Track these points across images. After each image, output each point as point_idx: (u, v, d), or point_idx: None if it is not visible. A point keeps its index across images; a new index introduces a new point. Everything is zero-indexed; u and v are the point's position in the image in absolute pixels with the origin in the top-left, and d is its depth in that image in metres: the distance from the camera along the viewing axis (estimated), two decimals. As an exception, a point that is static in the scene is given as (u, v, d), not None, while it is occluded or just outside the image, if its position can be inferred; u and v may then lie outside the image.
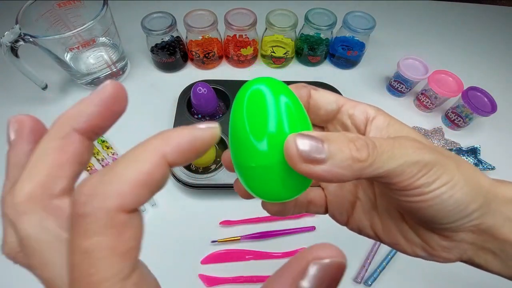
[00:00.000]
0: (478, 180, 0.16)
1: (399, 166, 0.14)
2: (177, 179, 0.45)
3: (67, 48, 0.50)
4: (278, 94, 0.14)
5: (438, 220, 0.16)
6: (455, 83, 0.55)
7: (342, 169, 0.13)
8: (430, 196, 0.15)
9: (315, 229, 0.45)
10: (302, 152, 0.13)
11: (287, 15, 0.58)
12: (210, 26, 0.55)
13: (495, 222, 0.16)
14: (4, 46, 0.45)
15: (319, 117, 0.19)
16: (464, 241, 0.17)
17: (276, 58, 0.61)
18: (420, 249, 0.18)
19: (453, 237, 0.17)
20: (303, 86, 0.18)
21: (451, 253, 0.18)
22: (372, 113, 0.18)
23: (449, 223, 0.16)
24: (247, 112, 0.14)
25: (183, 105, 0.52)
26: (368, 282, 0.41)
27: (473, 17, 0.76)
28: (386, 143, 0.14)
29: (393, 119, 0.18)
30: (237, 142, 0.15)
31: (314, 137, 0.13)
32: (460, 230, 0.17)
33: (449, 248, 0.17)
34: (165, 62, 0.60)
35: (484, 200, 0.16)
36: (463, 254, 0.18)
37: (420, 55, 0.58)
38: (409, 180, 0.15)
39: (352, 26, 0.56)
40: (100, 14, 0.48)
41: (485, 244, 0.17)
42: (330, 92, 0.19)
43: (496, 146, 0.55)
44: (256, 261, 0.43)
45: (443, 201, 0.15)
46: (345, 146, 0.13)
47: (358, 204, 0.21)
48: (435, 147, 0.16)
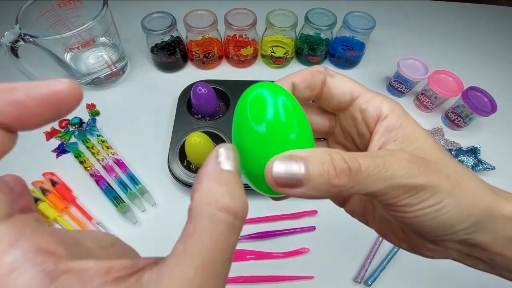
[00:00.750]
0: (476, 202, 0.15)
1: (383, 189, 0.14)
2: (177, 179, 0.45)
3: (67, 48, 0.50)
4: (276, 94, 0.16)
5: (421, 233, 0.16)
6: (455, 83, 0.55)
7: (318, 192, 0.13)
8: (412, 215, 0.15)
9: (315, 229, 0.45)
10: (276, 179, 0.13)
11: (287, 15, 0.58)
12: (210, 26, 0.55)
13: (487, 239, 0.16)
14: (4, 46, 0.45)
15: (331, 106, 0.19)
16: (452, 248, 0.17)
17: (276, 58, 0.61)
18: (405, 244, 0.18)
19: (439, 244, 0.17)
20: (318, 72, 0.17)
21: (435, 254, 0.17)
22: (386, 111, 0.17)
23: (432, 237, 0.16)
24: (250, 107, 0.16)
25: (183, 105, 0.52)
26: (368, 282, 0.41)
27: (473, 17, 0.76)
28: (374, 165, 0.14)
29: (407, 120, 0.17)
30: (239, 129, 0.17)
31: (293, 160, 0.13)
32: (446, 241, 0.16)
33: (435, 250, 0.17)
34: (165, 62, 0.60)
35: (475, 221, 0.15)
36: (448, 256, 0.18)
37: (420, 55, 0.58)
38: (393, 200, 0.15)
39: (352, 26, 0.56)
40: (100, 14, 0.48)
41: (473, 253, 0.17)
42: (348, 79, 0.18)
43: (496, 146, 0.55)
44: (256, 261, 0.43)
45: (427, 220, 0.15)
46: (324, 169, 0.13)
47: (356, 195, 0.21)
48: (439, 163, 0.16)
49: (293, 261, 0.43)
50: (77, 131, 0.53)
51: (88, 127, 0.53)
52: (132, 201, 0.46)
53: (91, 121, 0.54)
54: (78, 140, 0.52)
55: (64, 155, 0.51)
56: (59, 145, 0.51)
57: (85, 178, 0.49)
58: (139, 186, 0.47)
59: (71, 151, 0.51)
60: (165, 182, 0.49)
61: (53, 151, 0.51)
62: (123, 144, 0.52)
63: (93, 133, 0.53)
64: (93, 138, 0.52)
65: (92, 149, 0.51)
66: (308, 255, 0.44)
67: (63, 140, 0.52)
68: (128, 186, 0.47)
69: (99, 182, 0.47)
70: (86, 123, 0.54)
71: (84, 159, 0.50)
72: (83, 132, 0.53)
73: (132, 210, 0.45)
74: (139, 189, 0.47)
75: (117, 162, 0.49)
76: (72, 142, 0.52)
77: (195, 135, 0.42)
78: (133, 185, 0.48)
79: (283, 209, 0.46)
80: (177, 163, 0.46)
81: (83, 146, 0.51)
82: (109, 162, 0.49)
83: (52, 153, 0.51)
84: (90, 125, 0.53)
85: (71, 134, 0.53)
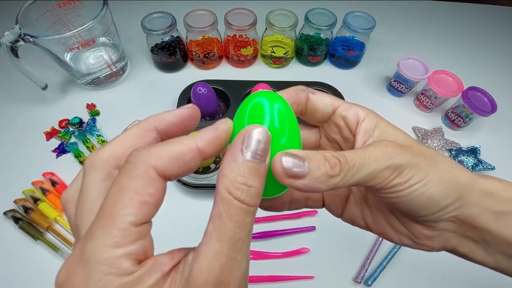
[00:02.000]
0: (454, 177, 0.17)
1: (369, 174, 0.16)
2: (177, 179, 0.45)
3: (67, 48, 0.50)
4: (273, 102, 0.17)
5: (415, 213, 0.18)
6: (455, 83, 0.55)
7: (318, 184, 0.16)
8: (403, 193, 0.17)
9: (315, 229, 0.45)
10: (285, 169, 0.15)
11: (287, 15, 0.58)
12: (210, 26, 0.55)
13: (473, 213, 0.18)
14: (4, 46, 0.45)
15: (316, 119, 0.21)
16: (446, 229, 0.19)
17: (276, 58, 0.61)
18: (406, 238, 0.20)
19: (434, 226, 0.18)
20: (301, 90, 0.20)
21: (434, 242, 0.19)
22: (362, 116, 0.19)
23: (425, 216, 0.18)
24: (248, 114, 0.17)
25: (183, 105, 0.52)
26: (368, 282, 0.41)
27: (473, 17, 0.76)
28: (356, 156, 0.16)
29: (380, 120, 0.19)
30: (235, 132, 0.18)
31: (296, 156, 0.15)
32: (439, 221, 0.18)
33: (432, 237, 0.19)
34: (165, 62, 0.60)
35: (459, 195, 0.17)
36: (446, 243, 0.19)
37: (420, 55, 0.58)
38: (383, 183, 0.17)
39: (352, 26, 0.56)
40: (100, 14, 0.48)
41: (466, 233, 0.18)
42: (327, 94, 0.21)
43: (496, 146, 0.55)
44: (256, 261, 0.43)
45: (416, 197, 0.17)
46: (321, 164, 0.16)
47: (351, 198, 0.22)
48: (414, 147, 0.18)
49: (293, 261, 0.43)
50: (77, 131, 0.53)
51: (88, 127, 0.53)
52: (132, 201, 0.46)
53: (91, 121, 0.54)
54: (78, 140, 0.52)
55: (64, 155, 0.51)
56: (59, 145, 0.51)
57: (85, 178, 0.49)
58: (139, 186, 0.47)
59: (71, 151, 0.51)
60: (165, 182, 0.48)
61: (53, 151, 0.51)
62: (123, 144, 0.52)
63: (93, 133, 0.53)
64: (93, 138, 0.52)
65: (92, 149, 0.51)
66: (308, 255, 0.44)
67: (63, 140, 0.52)
68: (128, 186, 0.47)
69: (99, 182, 0.47)
70: (86, 123, 0.54)
71: (84, 159, 0.50)
72: (83, 132, 0.53)
73: (132, 210, 0.45)
74: (139, 189, 0.47)
75: (117, 162, 0.49)
76: (72, 142, 0.52)
77: (195, 135, 0.42)
78: (133, 185, 0.48)
79: (283, 209, 0.46)
80: (177, 163, 0.46)
81: (83, 146, 0.51)
82: (109, 162, 0.49)
83: (52, 153, 0.51)
84: (90, 125, 0.53)
85: (71, 134, 0.53)
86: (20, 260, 0.42)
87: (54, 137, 0.53)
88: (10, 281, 0.41)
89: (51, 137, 0.53)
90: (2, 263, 0.42)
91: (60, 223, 0.43)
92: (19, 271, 0.41)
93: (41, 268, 0.41)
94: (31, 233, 0.42)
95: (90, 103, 0.56)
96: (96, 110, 0.56)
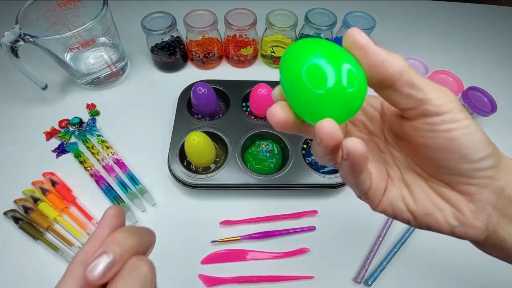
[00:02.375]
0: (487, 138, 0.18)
1: (441, 92, 0.17)
2: (177, 179, 0.45)
3: (67, 48, 0.50)
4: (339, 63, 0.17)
5: (457, 159, 0.18)
6: (455, 83, 0.55)
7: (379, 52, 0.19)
8: (448, 128, 0.17)
9: (315, 229, 0.45)
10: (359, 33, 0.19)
11: (287, 15, 0.58)
12: (210, 26, 0.55)
13: (507, 181, 0.18)
14: (4, 46, 0.45)
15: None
16: (488, 202, 0.19)
17: (276, 58, 0.61)
18: (451, 216, 0.19)
19: (476, 195, 0.19)
20: None
21: (478, 218, 0.19)
22: None
23: (465, 164, 0.18)
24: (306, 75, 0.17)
25: (183, 105, 0.52)
26: (368, 282, 0.41)
27: (473, 17, 0.76)
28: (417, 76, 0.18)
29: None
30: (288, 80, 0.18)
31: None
32: (480, 177, 0.18)
33: (476, 212, 0.19)
34: (165, 62, 0.60)
35: (493, 151, 0.18)
36: (489, 223, 0.19)
37: (420, 55, 0.58)
38: (443, 108, 0.17)
39: (352, 26, 0.56)
40: (100, 14, 0.48)
41: (505, 210, 0.19)
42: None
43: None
44: (256, 261, 0.43)
45: (459, 137, 0.17)
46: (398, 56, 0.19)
47: (389, 183, 0.22)
48: None
49: (293, 261, 0.43)
50: (77, 131, 0.53)
51: (88, 127, 0.53)
52: (132, 201, 0.46)
53: (91, 121, 0.54)
54: (78, 140, 0.52)
55: (64, 155, 0.51)
56: (59, 145, 0.51)
57: (85, 178, 0.49)
58: (139, 186, 0.47)
59: (71, 151, 0.51)
60: (165, 182, 0.49)
61: (53, 151, 0.51)
62: (123, 144, 0.52)
63: (93, 133, 0.53)
64: (93, 138, 0.52)
65: (92, 149, 0.51)
66: (308, 255, 0.44)
67: (63, 140, 0.52)
68: (128, 186, 0.47)
69: (99, 182, 0.47)
70: (86, 123, 0.54)
71: (84, 159, 0.50)
72: (83, 132, 0.53)
73: (132, 210, 0.45)
74: (139, 189, 0.47)
75: (117, 162, 0.49)
76: (72, 142, 0.52)
77: (194, 134, 0.42)
78: (133, 185, 0.48)
79: (283, 209, 0.46)
80: (177, 163, 0.46)
81: (83, 146, 0.51)
82: (109, 162, 0.49)
83: (52, 153, 0.51)
84: (90, 125, 0.53)
85: (71, 134, 0.53)
86: (20, 260, 0.42)
87: (54, 137, 0.53)
88: (10, 281, 0.41)
89: (51, 137, 0.53)
90: (2, 263, 0.42)
91: (60, 223, 0.43)
92: (19, 271, 0.41)
93: (41, 268, 0.41)
94: (31, 233, 0.42)
95: (90, 103, 0.56)
96: (96, 110, 0.56)
